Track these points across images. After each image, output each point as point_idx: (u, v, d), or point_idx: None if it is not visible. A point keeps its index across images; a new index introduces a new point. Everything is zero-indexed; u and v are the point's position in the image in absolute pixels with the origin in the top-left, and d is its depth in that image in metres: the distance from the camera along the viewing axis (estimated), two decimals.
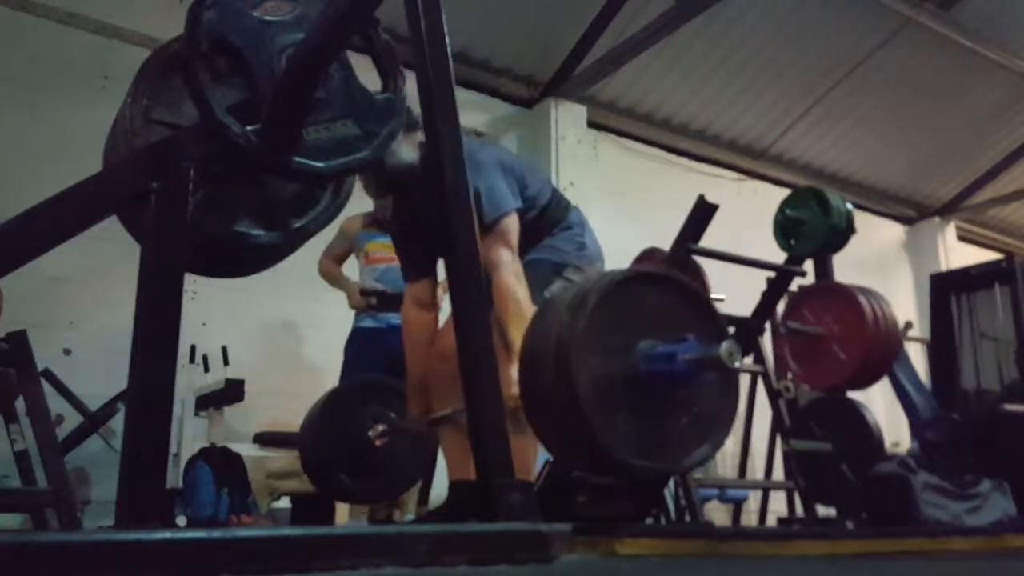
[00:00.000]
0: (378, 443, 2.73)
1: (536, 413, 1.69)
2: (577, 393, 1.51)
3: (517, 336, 2.02)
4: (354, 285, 4.03)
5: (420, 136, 2.41)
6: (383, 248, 3.95)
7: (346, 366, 3.97)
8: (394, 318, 3.84)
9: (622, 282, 1.62)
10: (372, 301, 3.93)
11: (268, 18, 1.71)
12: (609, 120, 7.01)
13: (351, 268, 4.15)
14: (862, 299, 3.53)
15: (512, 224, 2.36)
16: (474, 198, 2.22)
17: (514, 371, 1.94)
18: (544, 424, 1.70)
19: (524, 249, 2.50)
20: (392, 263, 3.91)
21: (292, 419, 4.79)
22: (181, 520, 3.62)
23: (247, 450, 4.50)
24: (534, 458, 2.36)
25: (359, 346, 3.96)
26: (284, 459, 4.27)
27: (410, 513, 3.67)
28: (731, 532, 3.56)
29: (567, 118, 6.61)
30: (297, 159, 1.68)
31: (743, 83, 6.98)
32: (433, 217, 2.41)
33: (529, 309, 2.13)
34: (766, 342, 3.57)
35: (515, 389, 2.00)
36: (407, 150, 2.30)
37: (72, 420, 4.06)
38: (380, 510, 3.82)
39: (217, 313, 4.66)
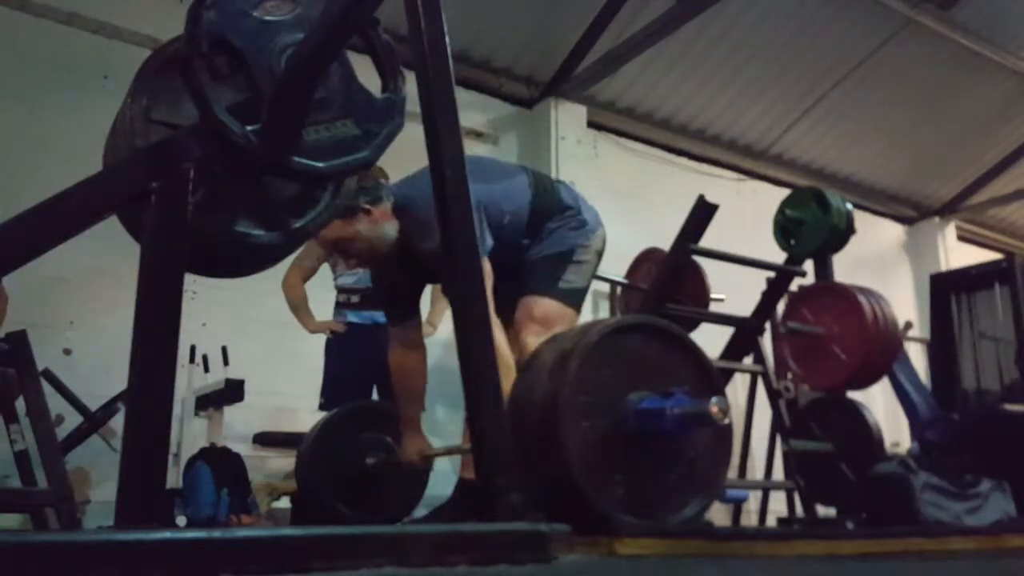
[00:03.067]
0: (375, 470, 2.76)
1: (527, 472, 1.67)
2: (564, 454, 1.47)
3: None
4: (312, 322, 4.05)
5: (385, 188, 2.48)
6: None
7: (331, 363, 3.95)
8: (379, 315, 3.86)
9: (603, 338, 1.57)
10: (352, 299, 3.92)
11: (268, 18, 1.70)
12: (609, 120, 7.01)
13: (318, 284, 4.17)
14: (862, 299, 3.54)
15: (487, 268, 2.36)
16: None
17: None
18: (534, 482, 1.67)
19: (527, 246, 2.51)
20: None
21: (292, 419, 4.81)
22: (181, 520, 3.62)
23: (247, 450, 4.50)
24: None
25: (344, 342, 3.95)
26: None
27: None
28: (731, 532, 3.56)
29: (567, 118, 6.61)
30: (297, 159, 1.68)
31: (743, 83, 6.98)
32: (417, 254, 2.45)
33: (506, 355, 2.16)
34: (766, 342, 3.57)
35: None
36: (388, 227, 2.42)
37: (72, 420, 4.06)
38: None
39: (217, 313, 4.66)
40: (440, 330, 4.11)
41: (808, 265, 3.63)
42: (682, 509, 1.62)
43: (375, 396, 3.78)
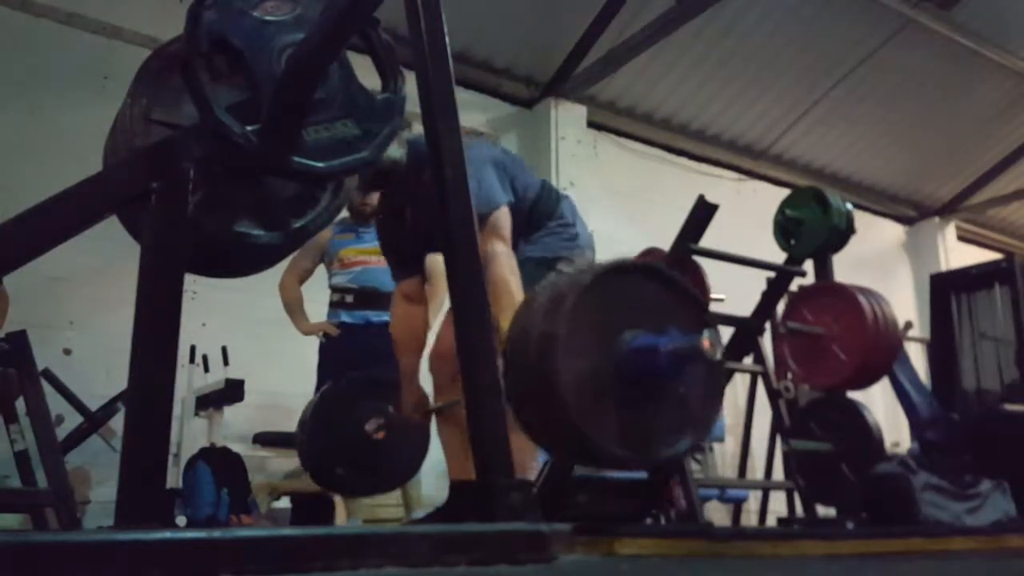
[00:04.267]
0: (376, 436, 2.75)
1: (522, 412, 1.71)
2: (560, 393, 1.51)
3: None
4: (306, 323, 4.05)
5: (406, 133, 2.44)
6: (357, 253, 3.97)
7: (324, 363, 3.96)
8: (373, 315, 3.86)
9: (598, 278, 1.61)
10: (346, 298, 3.93)
11: (268, 18, 1.71)
12: (609, 120, 7.01)
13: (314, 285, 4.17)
14: (862, 299, 3.53)
15: (504, 218, 2.40)
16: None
17: None
18: (530, 421, 1.71)
19: (516, 244, 2.52)
20: (367, 265, 3.95)
21: (292, 419, 4.81)
22: (181, 520, 3.63)
23: (247, 450, 4.50)
24: (534, 457, 2.36)
25: (337, 342, 3.95)
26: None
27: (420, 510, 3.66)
28: (731, 532, 3.56)
29: (567, 118, 6.61)
30: (297, 159, 1.68)
31: (743, 83, 6.98)
32: (422, 215, 2.44)
33: (513, 289, 2.19)
34: (766, 342, 3.56)
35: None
36: (393, 147, 2.32)
37: (72, 420, 4.06)
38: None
39: (217, 313, 4.66)
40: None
41: (808, 265, 3.62)
42: (675, 445, 1.65)
43: None
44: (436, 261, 2.77)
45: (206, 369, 4.46)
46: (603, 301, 1.60)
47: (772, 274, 3.51)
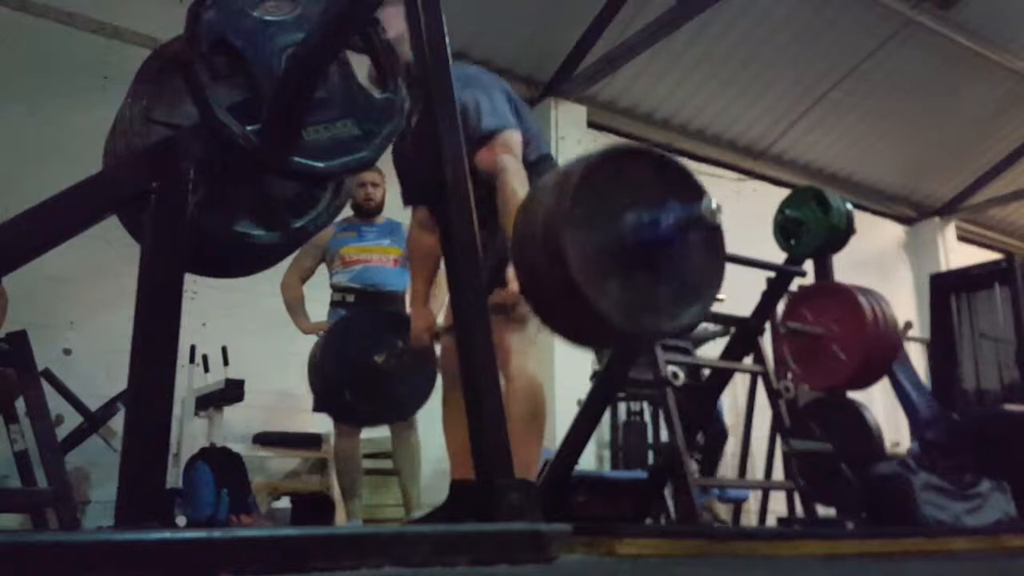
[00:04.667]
0: (384, 364, 2.81)
1: (532, 292, 1.74)
2: (568, 267, 1.54)
3: None
4: (306, 323, 4.05)
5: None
6: (359, 251, 3.97)
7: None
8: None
9: (602, 159, 1.66)
10: (348, 298, 3.94)
11: (268, 18, 1.70)
12: (609, 120, 7.01)
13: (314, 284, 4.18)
14: (862, 299, 3.53)
15: (515, 139, 2.38)
16: (475, 108, 2.31)
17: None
18: (541, 302, 1.74)
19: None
20: (368, 264, 3.94)
21: (292, 419, 4.81)
22: (181, 520, 3.62)
23: (247, 450, 4.50)
24: (537, 455, 2.36)
25: None
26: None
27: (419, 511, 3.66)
28: (731, 532, 3.56)
29: (567, 118, 6.61)
30: (297, 159, 1.68)
31: (743, 83, 6.98)
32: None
33: (519, 192, 2.17)
34: (766, 342, 3.56)
35: (515, 286, 2.09)
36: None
37: (72, 420, 4.06)
38: None
39: (217, 313, 4.67)
40: None
41: (808, 265, 3.62)
42: (680, 316, 1.68)
43: None
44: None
45: (206, 369, 4.46)
46: (605, 183, 1.65)
47: (772, 274, 3.51)
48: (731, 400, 5.72)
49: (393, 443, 3.84)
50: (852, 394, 4.06)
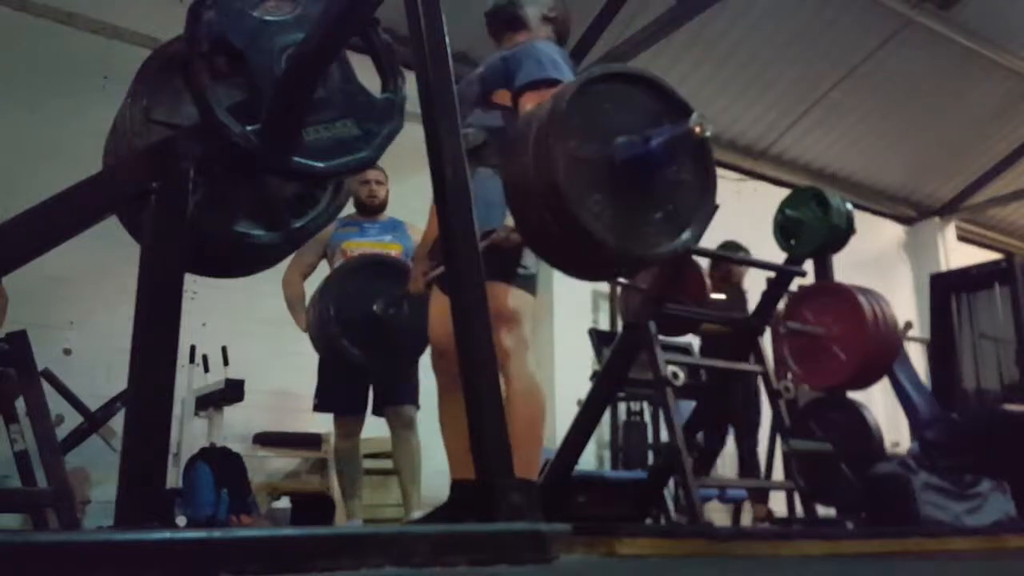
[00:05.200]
0: (382, 312, 2.91)
1: (517, 198, 1.74)
2: (554, 170, 1.54)
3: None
4: (306, 322, 4.04)
5: None
6: (359, 246, 3.98)
7: (325, 362, 3.95)
8: None
9: (600, 76, 1.69)
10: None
11: (268, 18, 1.70)
12: None
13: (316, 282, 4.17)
14: (862, 299, 3.53)
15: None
16: (541, 57, 2.38)
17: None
18: (524, 209, 1.74)
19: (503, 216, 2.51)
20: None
21: (292, 419, 4.81)
22: (181, 520, 3.62)
23: (247, 450, 4.51)
24: (537, 456, 2.36)
25: None
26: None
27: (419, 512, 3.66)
28: (731, 532, 3.56)
29: None
30: (297, 159, 1.68)
31: (743, 83, 6.98)
32: None
33: None
34: (766, 342, 3.57)
35: (508, 221, 2.09)
36: None
37: (72, 420, 4.06)
38: None
39: (217, 313, 4.66)
40: None
41: (808, 265, 3.62)
42: (675, 239, 1.69)
43: (370, 395, 3.77)
44: None
45: (206, 369, 4.46)
46: (600, 102, 1.66)
47: (772, 274, 3.51)
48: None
49: (393, 443, 3.84)
50: (852, 394, 4.06)
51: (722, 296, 4.34)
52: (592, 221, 1.56)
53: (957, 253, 8.93)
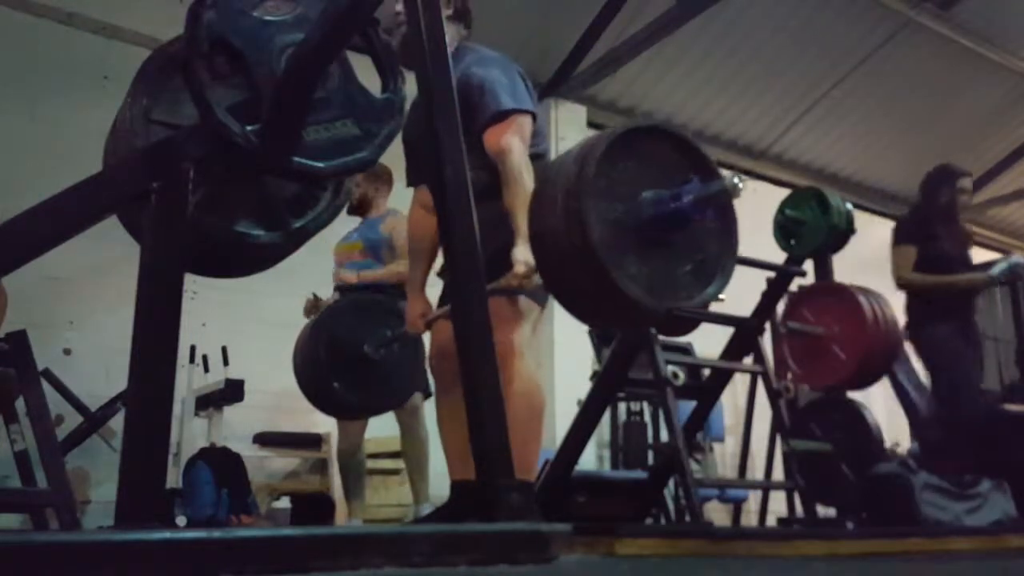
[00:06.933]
0: (373, 353, 2.82)
1: (547, 260, 1.74)
2: (588, 235, 1.55)
3: (523, 220, 2.08)
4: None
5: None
6: (340, 248, 4.03)
7: None
8: None
9: (626, 133, 1.68)
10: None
11: (268, 18, 1.70)
12: (609, 120, 6.99)
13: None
14: (862, 299, 3.54)
15: (527, 123, 2.37)
16: (492, 84, 2.31)
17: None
18: (556, 271, 1.74)
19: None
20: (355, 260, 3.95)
21: (292, 419, 4.81)
22: (181, 520, 3.63)
23: (247, 450, 4.51)
24: (536, 456, 2.36)
25: None
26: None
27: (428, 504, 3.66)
28: (731, 532, 3.56)
29: (567, 118, 6.61)
30: (297, 159, 1.68)
31: (743, 83, 6.98)
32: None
33: (526, 183, 2.18)
34: (766, 342, 3.57)
35: (520, 268, 2.09)
36: None
37: (72, 420, 4.06)
38: None
39: (217, 313, 4.66)
40: None
41: (808, 265, 3.62)
42: (699, 294, 1.71)
43: None
44: None
45: (206, 369, 4.46)
46: (629, 155, 1.66)
47: (772, 274, 3.51)
48: (731, 400, 5.72)
49: (402, 435, 3.84)
50: (852, 394, 4.06)
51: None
52: (628, 283, 1.58)
53: None
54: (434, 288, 2.61)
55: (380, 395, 3.03)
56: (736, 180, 1.62)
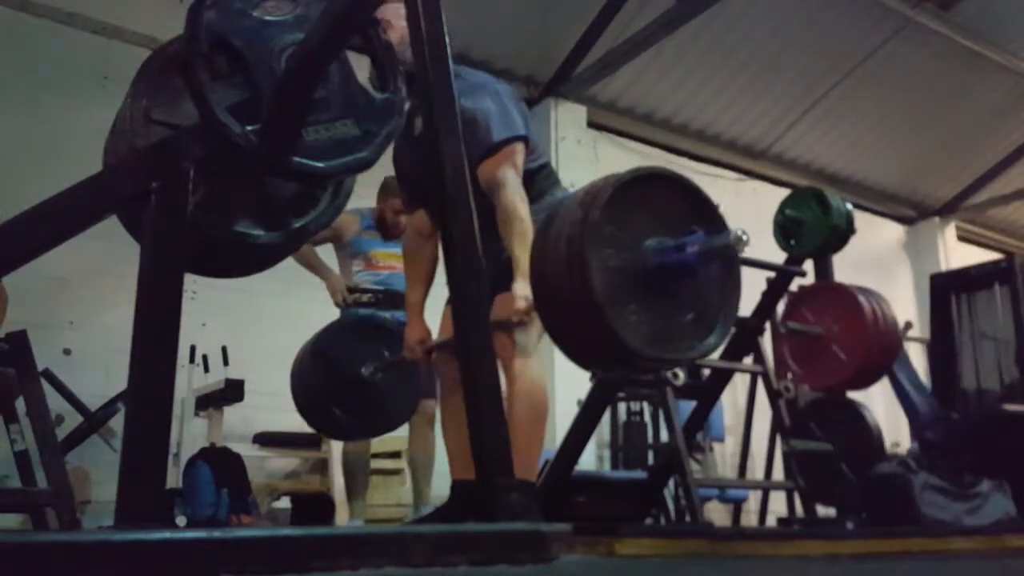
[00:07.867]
0: (371, 376, 2.80)
1: (548, 308, 1.73)
2: (590, 284, 1.53)
3: (521, 254, 2.11)
4: (336, 278, 3.98)
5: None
6: (389, 257, 3.95)
7: None
8: (401, 315, 3.83)
9: (631, 181, 1.67)
10: (362, 298, 3.91)
11: (268, 18, 1.70)
12: (609, 120, 7.01)
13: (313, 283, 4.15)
14: (862, 299, 3.53)
15: (520, 150, 2.38)
16: (485, 117, 2.31)
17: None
18: (556, 318, 1.73)
19: None
20: (395, 271, 3.89)
21: (292, 419, 4.81)
22: (181, 520, 3.63)
23: (247, 450, 4.51)
24: (537, 457, 2.36)
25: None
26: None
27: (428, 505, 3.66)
28: (731, 532, 3.56)
29: (567, 118, 6.61)
30: (297, 159, 1.68)
31: (743, 83, 6.98)
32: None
33: (532, 229, 2.17)
34: (766, 342, 3.57)
35: (520, 303, 2.10)
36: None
37: (72, 420, 4.06)
38: None
39: (217, 313, 4.66)
40: None
41: (808, 265, 3.62)
42: (698, 346, 1.70)
43: None
44: None
45: (206, 369, 4.46)
46: (632, 205, 1.65)
47: (772, 274, 3.51)
48: (731, 400, 5.72)
49: (413, 440, 3.84)
50: (852, 394, 4.06)
51: None
52: (630, 334, 1.57)
53: (957, 253, 8.93)
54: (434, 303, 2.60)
55: (379, 418, 3.01)
56: (741, 234, 1.60)
